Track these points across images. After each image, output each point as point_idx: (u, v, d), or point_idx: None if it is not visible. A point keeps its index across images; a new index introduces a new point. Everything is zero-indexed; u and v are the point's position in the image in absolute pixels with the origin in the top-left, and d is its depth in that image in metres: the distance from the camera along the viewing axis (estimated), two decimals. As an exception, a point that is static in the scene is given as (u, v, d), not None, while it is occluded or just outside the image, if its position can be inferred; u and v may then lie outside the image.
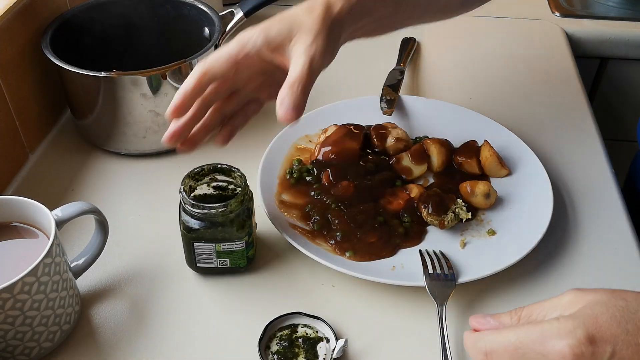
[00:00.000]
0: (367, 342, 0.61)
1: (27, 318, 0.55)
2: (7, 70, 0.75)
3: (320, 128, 0.82)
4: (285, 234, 0.67)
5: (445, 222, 0.69)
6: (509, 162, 0.78)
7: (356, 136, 0.78)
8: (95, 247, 0.65)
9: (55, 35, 0.80)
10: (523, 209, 0.72)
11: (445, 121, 0.84)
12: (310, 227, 0.70)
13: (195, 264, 0.66)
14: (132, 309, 0.64)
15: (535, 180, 0.75)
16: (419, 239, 0.70)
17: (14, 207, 0.60)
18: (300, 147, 0.80)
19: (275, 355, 0.59)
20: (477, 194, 0.72)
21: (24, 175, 0.80)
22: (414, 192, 0.72)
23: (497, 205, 0.73)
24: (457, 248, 0.68)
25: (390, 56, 1.01)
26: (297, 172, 0.75)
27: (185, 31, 0.88)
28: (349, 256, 0.67)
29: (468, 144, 0.79)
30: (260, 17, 1.00)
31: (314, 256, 0.65)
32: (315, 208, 0.71)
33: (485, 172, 0.77)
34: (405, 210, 0.71)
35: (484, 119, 0.84)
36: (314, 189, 0.74)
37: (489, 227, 0.71)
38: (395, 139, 0.78)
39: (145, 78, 0.76)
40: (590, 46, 1.10)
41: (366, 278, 0.64)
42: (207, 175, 0.66)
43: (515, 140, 0.80)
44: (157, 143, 0.81)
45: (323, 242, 0.69)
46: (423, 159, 0.77)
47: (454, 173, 0.77)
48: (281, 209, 0.72)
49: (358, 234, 0.68)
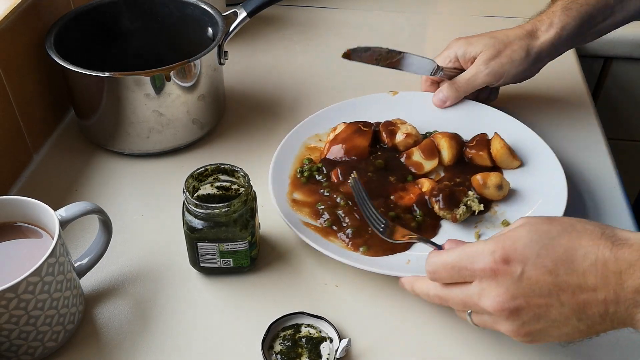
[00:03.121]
0: (371, 342, 0.61)
1: (31, 318, 0.55)
2: (11, 70, 0.76)
3: (329, 127, 0.82)
4: (299, 232, 0.67)
5: (458, 215, 0.69)
6: (520, 154, 0.78)
7: (365, 133, 0.79)
8: (99, 247, 0.65)
9: (59, 36, 0.80)
10: (537, 199, 0.72)
11: (453, 115, 0.84)
12: (321, 224, 0.70)
13: (199, 263, 0.66)
14: (136, 309, 0.64)
15: (548, 169, 0.75)
16: (433, 233, 0.70)
17: (18, 207, 0.60)
18: (310, 146, 0.81)
19: (278, 355, 0.59)
20: (489, 185, 0.72)
21: (28, 175, 0.80)
22: (426, 187, 0.72)
23: (510, 196, 0.73)
24: (472, 240, 0.68)
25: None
26: (307, 171, 0.76)
27: (189, 31, 0.88)
28: (363, 251, 0.67)
29: (478, 137, 0.79)
30: (262, 17, 1.00)
31: (329, 253, 0.65)
32: (326, 205, 0.72)
33: (497, 164, 0.77)
34: (417, 205, 0.71)
35: (493, 112, 0.84)
36: (324, 187, 0.74)
37: (502, 218, 0.71)
38: (405, 135, 0.79)
39: (148, 78, 0.76)
40: (594, 46, 1.10)
41: (383, 272, 0.64)
42: (210, 175, 0.66)
43: (526, 131, 0.80)
44: (160, 143, 0.82)
45: (335, 238, 0.69)
46: (434, 153, 0.77)
47: (465, 166, 0.77)
48: (293, 208, 0.72)
49: (370, 229, 0.68)
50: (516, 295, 0.49)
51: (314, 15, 1.14)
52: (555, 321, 0.49)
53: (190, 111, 0.81)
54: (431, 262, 0.55)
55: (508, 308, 0.50)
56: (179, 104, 0.80)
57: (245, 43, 1.05)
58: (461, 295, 0.53)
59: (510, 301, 0.49)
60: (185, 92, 0.79)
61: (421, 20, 1.12)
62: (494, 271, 0.50)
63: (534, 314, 0.50)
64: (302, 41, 1.07)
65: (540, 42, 0.80)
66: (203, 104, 0.82)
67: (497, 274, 0.50)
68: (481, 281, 0.51)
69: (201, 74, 0.80)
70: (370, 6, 1.16)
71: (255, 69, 1.00)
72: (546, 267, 0.49)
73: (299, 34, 1.09)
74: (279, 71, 1.00)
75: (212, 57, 0.81)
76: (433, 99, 0.85)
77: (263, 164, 0.80)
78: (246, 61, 1.02)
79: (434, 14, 1.15)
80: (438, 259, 0.54)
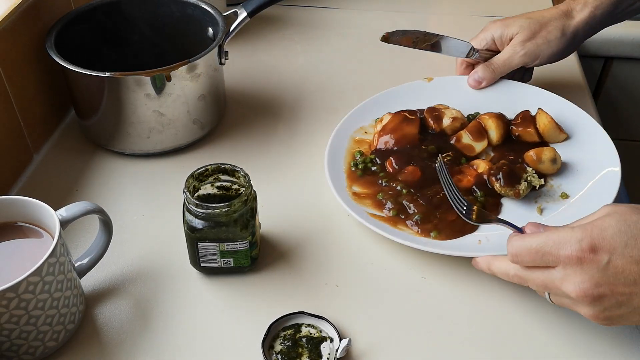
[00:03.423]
0: (371, 342, 0.61)
1: (32, 317, 0.55)
2: (12, 70, 0.76)
3: (372, 118, 0.83)
4: (369, 223, 0.68)
5: (520, 191, 0.70)
6: (565, 127, 0.79)
7: (413, 121, 0.79)
8: (100, 246, 0.65)
9: (59, 36, 0.80)
10: (589, 168, 0.73)
11: (491, 96, 0.85)
12: (386, 214, 0.71)
13: (199, 263, 0.66)
14: (136, 309, 0.64)
15: (594, 138, 0.76)
16: (496, 211, 0.71)
17: (18, 207, 0.60)
18: (357, 139, 0.81)
19: (278, 355, 0.59)
20: (544, 160, 0.73)
21: (29, 175, 0.80)
22: (481, 168, 0.73)
23: (563, 169, 0.74)
24: (536, 215, 0.70)
25: (393, 49, 1.01)
26: (361, 164, 0.76)
27: (189, 31, 0.88)
28: (434, 236, 0.68)
29: (522, 114, 0.80)
30: (263, 17, 1.00)
31: (403, 241, 0.66)
32: (387, 195, 0.72)
33: (545, 139, 0.78)
34: (476, 186, 0.72)
35: (530, 88, 0.85)
36: (381, 177, 0.75)
37: (560, 191, 0.72)
38: (452, 119, 0.80)
39: (149, 78, 0.76)
40: (595, 45, 1.10)
41: (460, 254, 0.65)
42: (210, 175, 0.66)
43: (566, 105, 0.81)
44: (161, 143, 0.82)
45: (404, 227, 0.69)
46: (482, 134, 0.78)
47: (513, 144, 0.78)
48: (356, 201, 0.72)
49: (437, 214, 0.69)
50: (601, 282, 0.50)
51: (315, 15, 1.14)
52: (637, 308, 0.51)
53: (191, 111, 0.81)
54: (515, 244, 0.55)
55: (592, 295, 0.51)
56: (180, 104, 0.80)
57: (246, 43, 1.05)
58: (542, 277, 0.54)
59: (594, 288, 0.50)
60: (185, 92, 0.79)
61: (421, 20, 1.12)
62: (580, 259, 0.51)
63: (617, 301, 0.51)
64: (303, 41, 1.07)
65: (576, 21, 0.82)
66: (203, 104, 0.82)
67: (583, 262, 0.51)
68: (565, 267, 0.52)
69: (202, 74, 0.80)
70: (370, 6, 1.16)
71: (255, 69, 1.00)
72: (633, 257, 0.50)
73: (300, 34, 1.09)
74: (279, 71, 1.00)
75: (213, 57, 0.81)
76: (469, 79, 0.87)
77: (264, 164, 0.80)
78: (247, 61, 1.02)
79: (434, 14, 1.15)
80: (522, 243, 0.54)
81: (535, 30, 0.82)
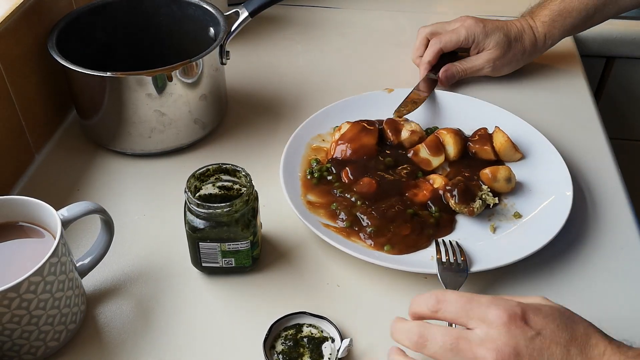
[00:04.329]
0: (372, 342, 0.61)
1: (33, 317, 0.55)
2: (13, 70, 0.76)
3: (331, 126, 0.82)
4: (322, 234, 0.67)
5: (475, 209, 0.70)
6: (521, 147, 0.79)
7: (371, 132, 0.79)
8: (101, 246, 0.65)
9: (61, 36, 0.80)
10: (542, 190, 0.74)
11: (450, 111, 0.86)
12: (339, 226, 0.70)
13: (201, 263, 0.66)
14: (138, 309, 0.64)
15: (549, 160, 0.77)
16: (450, 228, 0.71)
17: (20, 207, 0.60)
18: (314, 147, 0.81)
19: (280, 355, 0.59)
20: (499, 179, 0.73)
21: (30, 175, 0.80)
22: (437, 183, 0.73)
23: (517, 189, 0.75)
24: (489, 233, 0.70)
25: (394, 49, 1.01)
26: (317, 172, 0.76)
27: (191, 31, 0.88)
28: (387, 250, 0.67)
29: (480, 132, 0.80)
30: (264, 17, 1.01)
31: (354, 253, 0.66)
32: (341, 206, 0.72)
33: (500, 158, 0.78)
34: (431, 201, 0.72)
35: (490, 107, 0.85)
36: (336, 187, 0.74)
37: (513, 210, 0.73)
38: (410, 132, 0.79)
39: (150, 78, 0.76)
40: (596, 45, 1.10)
41: (410, 270, 0.65)
42: (212, 175, 0.66)
43: (522, 125, 0.82)
44: (162, 143, 0.82)
45: (357, 239, 0.69)
46: (440, 149, 0.77)
47: (470, 160, 0.78)
48: (310, 210, 0.72)
49: (391, 227, 0.69)
50: (523, 353, 0.48)
51: (316, 15, 1.14)
52: None
53: (192, 111, 0.81)
54: (447, 290, 0.54)
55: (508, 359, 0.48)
56: (181, 104, 0.80)
57: (247, 43, 1.05)
58: (456, 334, 0.50)
59: (514, 356, 0.48)
60: (187, 91, 0.79)
61: (422, 20, 1.12)
62: (510, 320, 0.49)
63: None
64: (304, 41, 1.07)
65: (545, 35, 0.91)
66: (205, 103, 0.82)
67: (512, 325, 0.49)
68: (490, 327, 0.49)
69: (203, 74, 0.80)
70: (371, 6, 1.16)
71: (257, 68, 1.00)
72: (561, 340, 0.49)
73: (301, 33, 1.09)
74: (280, 71, 1.00)
75: (214, 57, 0.81)
76: (441, 73, 0.91)
77: (265, 164, 0.80)
78: (248, 61, 1.02)
79: (434, 14, 1.15)
80: (453, 292, 0.53)
81: (506, 50, 0.91)
